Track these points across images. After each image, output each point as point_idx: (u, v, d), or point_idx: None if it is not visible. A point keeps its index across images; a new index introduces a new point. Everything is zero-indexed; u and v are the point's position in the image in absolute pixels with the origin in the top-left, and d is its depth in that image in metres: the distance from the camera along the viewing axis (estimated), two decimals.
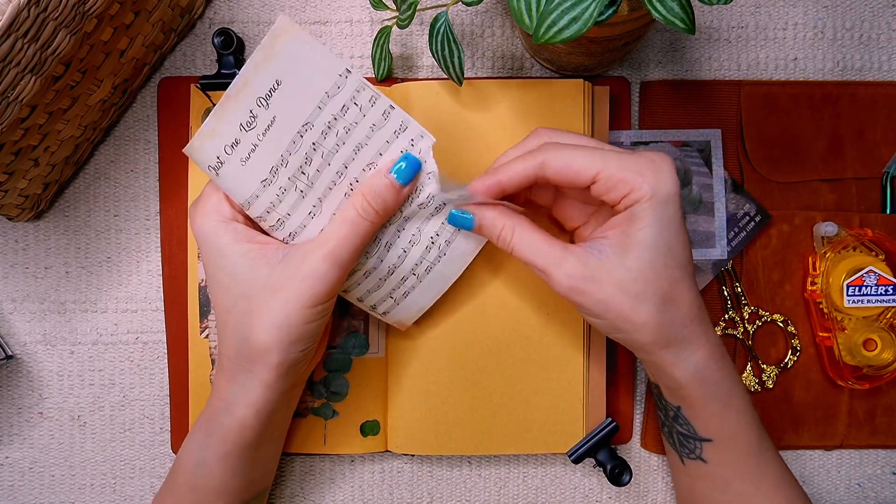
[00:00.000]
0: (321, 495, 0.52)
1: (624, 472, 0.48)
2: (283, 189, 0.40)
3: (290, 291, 0.39)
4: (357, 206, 0.40)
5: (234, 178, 0.40)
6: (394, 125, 0.40)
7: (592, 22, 0.34)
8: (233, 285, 0.40)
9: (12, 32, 0.34)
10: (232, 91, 0.38)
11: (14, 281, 0.51)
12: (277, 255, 0.40)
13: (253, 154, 0.40)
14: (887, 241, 0.50)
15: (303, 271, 0.39)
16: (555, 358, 0.48)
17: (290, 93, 0.39)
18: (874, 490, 0.52)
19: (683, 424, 0.43)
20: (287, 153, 0.40)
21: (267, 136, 0.39)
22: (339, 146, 0.40)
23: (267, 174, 0.40)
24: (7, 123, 0.38)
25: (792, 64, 0.52)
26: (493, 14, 0.52)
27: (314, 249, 0.39)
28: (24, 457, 0.51)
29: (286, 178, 0.40)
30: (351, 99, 0.39)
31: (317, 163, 0.40)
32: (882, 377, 0.49)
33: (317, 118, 0.39)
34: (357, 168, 0.41)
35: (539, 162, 0.39)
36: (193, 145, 0.39)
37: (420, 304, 0.47)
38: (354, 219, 0.40)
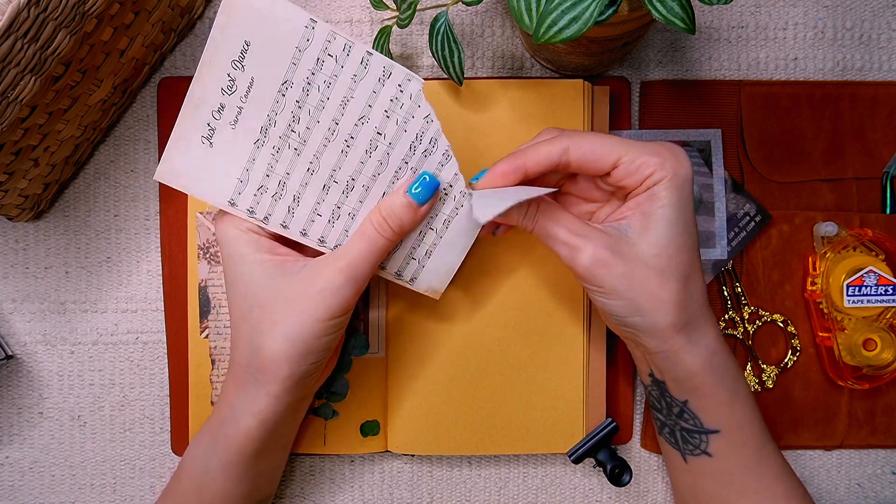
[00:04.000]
0: (321, 495, 0.52)
1: (624, 472, 0.48)
2: (277, 148, 0.40)
3: (305, 304, 0.39)
4: (374, 223, 0.40)
5: (228, 145, 0.40)
6: (376, 72, 0.40)
7: (592, 22, 0.34)
8: (249, 294, 0.40)
9: (12, 32, 0.34)
10: (206, 57, 0.38)
11: (14, 281, 0.51)
12: (295, 268, 0.40)
13: (240, 116, 0.40)
14: (887, 241, 0.50)
15: (318, 284, 0.39)
16: (555, 358, 0.48)
17: (261, 52, 0.38)
18: (874, 490, 0.52)
19: (690, 419, 0.42)
20: (273, 112, 0.40)
21: (250, 98, 0.39)
22: (323, 102, 0.40)
23: (258, 135, 0.40)
24: (7, 123, 0.38)
25: (792, 64, 0.52)
26: (493, 14, 0.52)
27: (330, 263, 0.40)
28: (24, 457, 0.51)
29: (277, 136, 0.40)
30: (324, 51, 0.39)
31: (305, 120, 0.40)
32: (882, 377, 0.49)
33: (294, 75, 0.39)
34: (349, 123, 0.40)
35: (563, 147, 0.40)
36: (183, 116, 0.39)
37: (447, 264, 0.45)
38: (371, 235, 0.40)
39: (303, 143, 0.41)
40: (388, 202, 0.41)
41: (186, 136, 0.40)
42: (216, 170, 0.41)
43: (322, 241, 0.43)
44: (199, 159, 0.40)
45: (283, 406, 0.41)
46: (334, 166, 0.41)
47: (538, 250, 0.48)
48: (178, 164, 0.40)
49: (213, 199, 0.41)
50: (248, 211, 0.41)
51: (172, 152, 0.40)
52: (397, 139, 0.41)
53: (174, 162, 0.40)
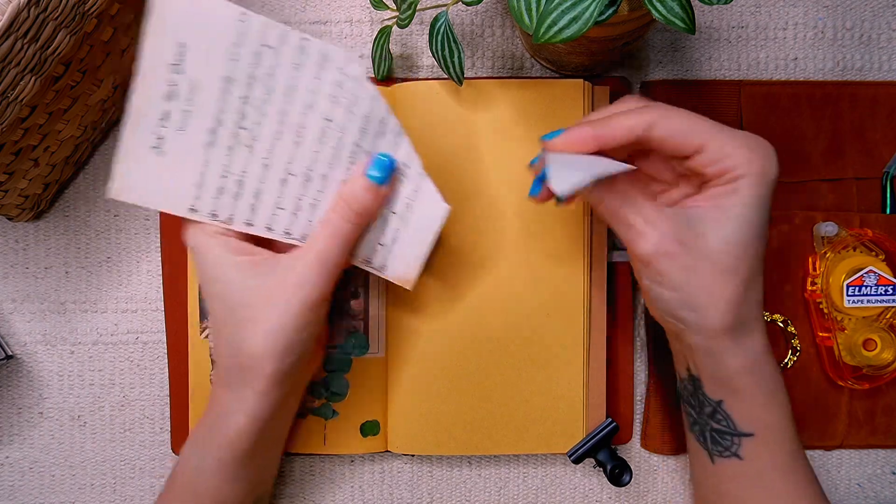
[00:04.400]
0: (321, 495, 0.52)
1: (624, 473, 0.48)
2: (229, 147, 0.40)
3: (282, 300, 0.39)
4: (338, 210, 0.41)
5: (179, 152, 0.39)
6: (315, 58, 0.39)
7: (592, 22, 0.34)
8: (227, 296, 0.40)
9: (12, 32, 0.34)
10: (142, 67, 0.38)
11: (14, 281, 0.51)
12: (268, 266, 0.40)
13: (188, 121, 0.39)
14: (887, 241, 0.50)
15: (292, 279, 0.40)
16: (555, 358, 0.48)
17: (198, 52, 0.38)
18: (874, 490, 0.52)
19: (722, 420, 0.41)
20: (220, 112, 0.39)
21: (194, 101, 0.39)
22: (268, 94, 0.40)
23: (208, 136, 0.40)
24: (7, 123, 0.38)
25: (792, 64, 0.52)
26: (493, 14, 0.52)
27: (301, 257, 0.40)
28: (24, 457, 0.51)
29: (227, 136, 0.40)
30: (260, 42, 0.39)
31: (252, 116, 0.40)
32: (882, 377, 0.49)
33: (234, 71, 0.39)
34: (296, 112, 0.40)
35: (649, 122, 0.37)
36: (128, 129, 0.39)
37: (415, 250, 0.44)
38: (336, 223, 0.41)
39: (254, 139, 0.40)
40: (347, 188, 0.41)
41: (135, 148, 0.39)
42: (171, 178, 0.40)
43: (288, 234, 0.42)
44: (153, 170, 0.40)
45: (271, 402, 0.41)
46: (289, 158, 0.41)
47: (539, 250, 0.48)
48: (131, 179, 0.40)
49: (172, 209, 0.40)
50: (210, 215, 0.41)
51: (122, 167, 0.39)
52: (347, 123, 0.41)
53: (126, 177, 0.40)
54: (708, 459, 0.43)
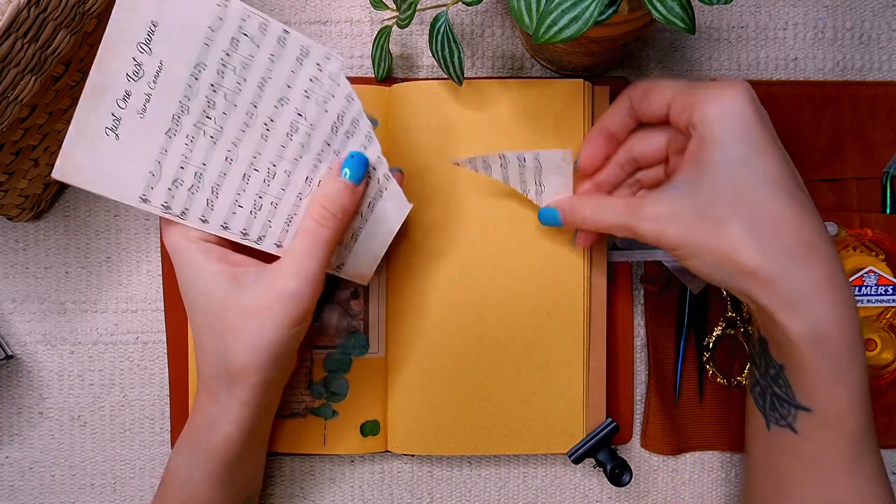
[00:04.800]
0: (321, 495, 0.52)
1: (624, 473, 0.48)
2: (191, 137, 0.38)
3: (265, 313, 0.39)
4: (315, 215, 0.39)
5: (136, 136, 0.38)
6: (293, 51, 0.38)
7: (592, 22, 0.34)
8: (208, 306, 0.40)
9: (12, 32, 0.34)
10: (107, 41, 0.36)
11: (14, 281, 0.51)
12: (249, 278, 0.39)
13: (149, 104, 0.37)
14: (887, 241, 0.50)
15: (274, 291, 0.38)
16: (555, 358, 0.48)
17: (170, 33, 0.36)
18: None
19: (783, 386, 0.38)
20: (186, 98, 0.38)
21: (159, 84, 0.37)
22: (240, 84, 0.38)
23: (169, 123, 0.38)
24: (7, 123, 0.38)
25: (792, 64, 0.52)
26: (493, 14, 0.52)
27: (282, 268, 0.39)
28: (24, 457, 0.51)
29: (191, 124, 0.38)
30: (238, 30, 0.37)
31: (221, 105, 0.38)
32: (882, 377, 0.49)
33: (208, 57, 0.37)
34: (268, 105, 0.39)
35: (626, 97, 0.41)
36: (83, 107, 0.36)
37: (373, 249, 0.44)
38: (314, 229, 0.39)
39: (219, 129, 0.39)
40: (324, 191, 0.40)
41: (88, 128, 0.37)
42: (124, 164, 0.38)
43: (245, 234, 0.41)
44: (105, 153, 0.37)
45: (257, 410, 0.41)
46: (254, 153, 0.40)
47: (539, 250, 0.48)
48: (81, 160, 0.37)
49: (122, 197, 0.38)
50: (162, 206, 0.39)
51: (72, 147, 0.37)
52: (318, 120, 0.40)
53: (76, 158, 0.37)
54: (764, 425, 0.40)
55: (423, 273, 0.48)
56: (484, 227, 0.48)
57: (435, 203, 0.48)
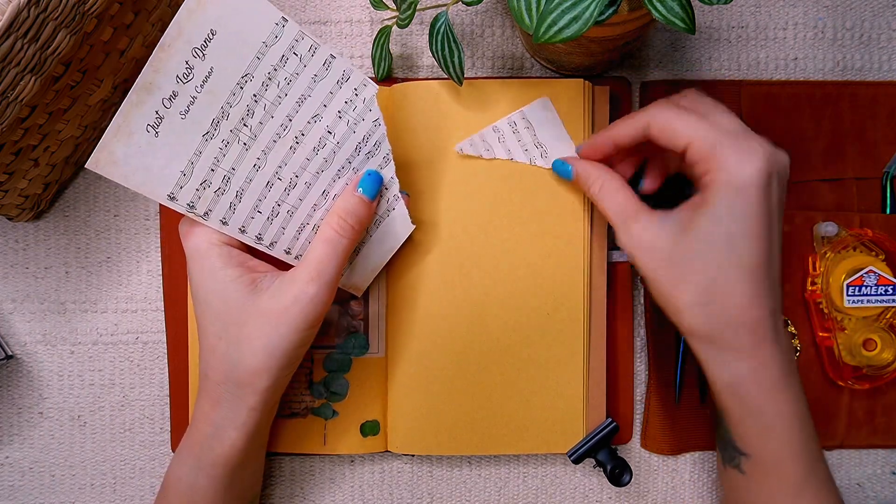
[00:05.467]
0: (321, 495, 0.52)
1: (624, 473, 0.48)
2: (226, 142, 0.40)
3: (282, 317, 0.40)
4: (334, 225, 0.41)
5: (175, 136, 0.39)
6: (336, 75, 0.41)
7: (592, 22, 0.34)
8: (224, 311, 0.40)
9: (12, 32, 0.34)
10: (166, 41, 0.37)
11: (14, 281, 0.51)
12: (266, 283, 0.41)
13: (192, 107, 0.38)
14: (887, 241, 0.50)
15: (292, 295, 0.40)
16: (555, 358, 0.48)
17: (226, 43, 0.38)
18: (874, 490, 0.52)
19: (724, 431, 0.42)
20: (227, 105, 0.39)
21: (205, 88, 0.38)
22: (280, 98, 0.40)
23: (208, 127, 0.39)
24: (7, 123, 0.38)
25: (792, 64, 0.52)
26: (493, 14, 0.52)
27: (300, 273, 0.40)
28: (24, 457, 0.51)
29: (228, 130, 0.40)
30: (290, 49, 0.39)
31: (259, 115, 0.40)
32: (882, 377, 0.49)
33: (256, 69, 0.39)
34: (301, 120, 0.41)
35: (646, 121, 0.40)
36: (129, 101, 0.37)
37: (373, 263, 0.47)
38: (333, 238, 0.41)
39: (253, 137, 0.40)
40: (342, 204, 0.42)
41: (131, 122, 0.37)
42: (159, 161, 0.39)
43: (259, 239, 0.42)
44: (142, 149, 0.38)
45: (263, 415, 0.42)
46: (280, 162, 0.41)
47: (539, 250, 0.48)
48: (118, 153, 0.37)
49: (151, 193, 0.39)
50: (188, 206, 0.40)
51: (112, 139, 0.37)
52: (345, 139, 0.42)
53: (113, 150, 0.37)
54: (721, 461, 0.43)
55: (423, 273, 0.48)
56: (484, 228, 0.48)
57: (434, 203, 0.48)
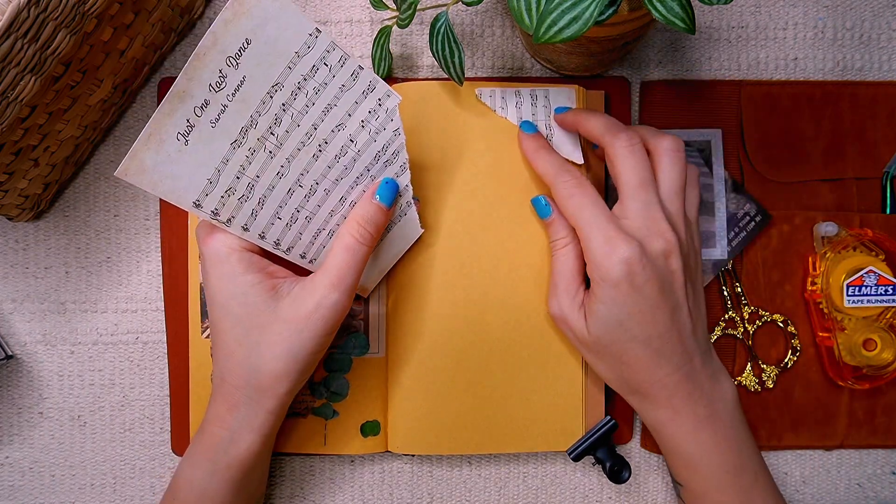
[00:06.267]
0: (321, 495, 0.52)
1: (623, 470, 0.48)
2: (252, 150, 0.40)
3: (304, 322, 0.40)
4: (354, 233, 0.42)
5: (204, 144, 0.39)
6: (362, 85, 0.41)
7: (592, 22, 0.34)
8: (244, 316, 0.40)
9: (12, 32, 0.34)
10: (201, 50, 0.37)
11: (14, 281, 0.51)
12: (286, 288, 0.41)
13: (222, 115, 0.39)
14: (887, 241, 0.50)
15: (314, 301, 0.40)
16: (554, 357, 0.48)
17: (259, 52, 0.38)
18: (874, 490, 0.52)
19: (666, 461, 0.46)
20: (256, 114, 0.39)
21: (237, 97, 0.38)
22: (308, 107, 0.40)
23: (236, 135, 0.39)
24: (7, 123, 0.38)
25: (792, 64, 0.52)
26: (493, 14, 0.52)
27: (321, 279, 0.41)
28: (24, 457, 0.51)
29: (255, 138, 0.40)
30: (321, 59, 0.39)
31: (286, 123, 0.40)
32: (882, 377, 0.49)
33: (286, 78, 0.39)
34: (326, 129, 0.41)
35: (598, 137, 0.44)
36: (162, 110, 0.37)
37: (381, 265, 0.48)
38: (353, 245, 0.42)
39: (279, 146, 0.41)
40: (361, 212, 0.43)
41: (162, 131, 0.37)
42: (186, 169, 0.39)
43: (277, 244, 0.43)
44: (171, 157, 0.38)
45: (278, 418, 0.42)
46: (302, 170, 0.42)
47: (539, 249, 0.48)
48: (147, 161, 0.37)
49: (177, 200, 0.39)
50: (211, 213, 0.40)
51: (142, 148, 0.37)
52: (366, 148, 0.43)
53: (142, 158, 0.37)
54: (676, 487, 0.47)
55: (423, 273, 0.48)
56: (484, 227, 0.48)
57: (435, 203, 0.48)
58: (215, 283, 0.41)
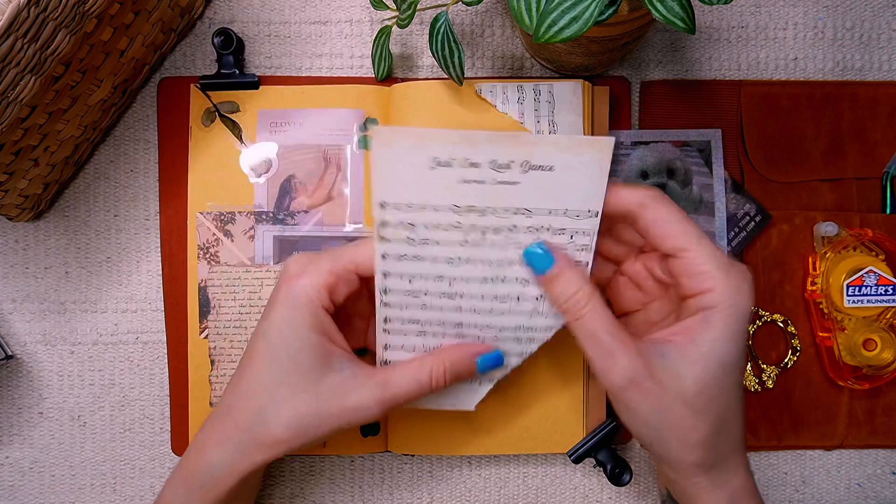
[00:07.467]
0: (321, 495, 0.52)
1: (624, 472, 0.48)
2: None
3: (332, 411, 0.38)
4: (434, 372, 0.39)
5: (445, 183, 0.38)
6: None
7: (592, 22, 0.34)
8: (287, 369, 0.38)
9: (12, 32, 0.34)
10: (522, 137, 0.37)
11: (14, 281, 0.51)
12: (340, 364, 0.39)
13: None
14: (887, 241, 0.50)
15: (352, 401, 0.38)
16: (555, 358, 0.48)
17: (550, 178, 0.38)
18: (874, 490, 0.52)
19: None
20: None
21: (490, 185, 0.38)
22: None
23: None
24: (7, 123, 0.38)
25: (792, 64, 0.52)
26: (493, 14, 0.52)
27: (373, 386, 0.39)
28: (24, 457, 0.51)
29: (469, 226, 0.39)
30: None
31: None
32: (882, 377, 0.49)
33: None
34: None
35: (639, 201, 0.37)
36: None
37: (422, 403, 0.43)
38: (424, 381, 0.39)
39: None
40: (456, 361, 0.40)
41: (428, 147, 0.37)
42: (418, 183, 0.38)
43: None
44: (414, 166, 0.38)
45: (263, 466, 0.40)
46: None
47: None
48: (398, 145, 0.37)
49: (379, 188, 0.38)
50: (380, 223, 0.39)
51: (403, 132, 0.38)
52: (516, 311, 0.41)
53: (397, 137, 0.37)
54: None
55: None
56: None
57: None
58: (277, 322, 0.39)
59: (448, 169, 0.38)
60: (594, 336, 0.37)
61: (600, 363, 0.37)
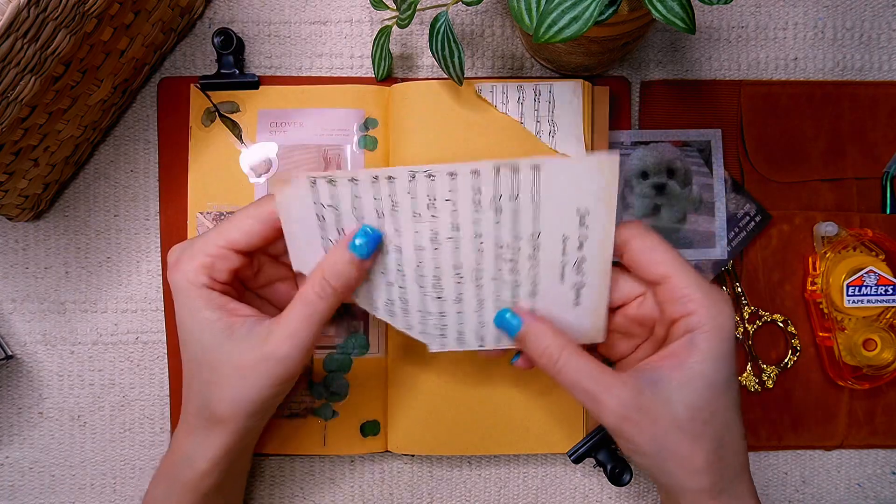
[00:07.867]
0: (321, 496, 0.52)
1: (624, 472, 0.48)
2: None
3: (251, 371, 0.38)
4: (316, 287, 0.38)
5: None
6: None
7: (592, 22, 0.34)
8: (199, 352, 0.40)
9: (12, 32, 0.34)
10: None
11: (14, 281, 0.51)
12: (243, 330, 0.39)
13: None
14: (887, 241, 0.50)
15: (264, 352, 0.38)
16: None
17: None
18: (874, 490, 0.52)
19: None
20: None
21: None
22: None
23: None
24: (7, 123, 0.38)
25: (792, 64, 0.52)
26: (493, 14, 0.52)
27: (275, 331, 0.38)
28: (24, 457, 0.51)
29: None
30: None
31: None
32: (882, 377, 0.49)
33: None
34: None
35: (625, 236, 0.39)
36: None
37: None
38: (314, 301, 0.38)
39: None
40: (330, 263, 0.39)
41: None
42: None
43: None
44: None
45: (234, 448, 0.41)
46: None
47: None
48: None
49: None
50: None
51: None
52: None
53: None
54: None
55: None
56: None
57: None
58: (178, 313, 0.40)
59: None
60: (576, 385, 0.38)
61: (589, 407, 0.38)
